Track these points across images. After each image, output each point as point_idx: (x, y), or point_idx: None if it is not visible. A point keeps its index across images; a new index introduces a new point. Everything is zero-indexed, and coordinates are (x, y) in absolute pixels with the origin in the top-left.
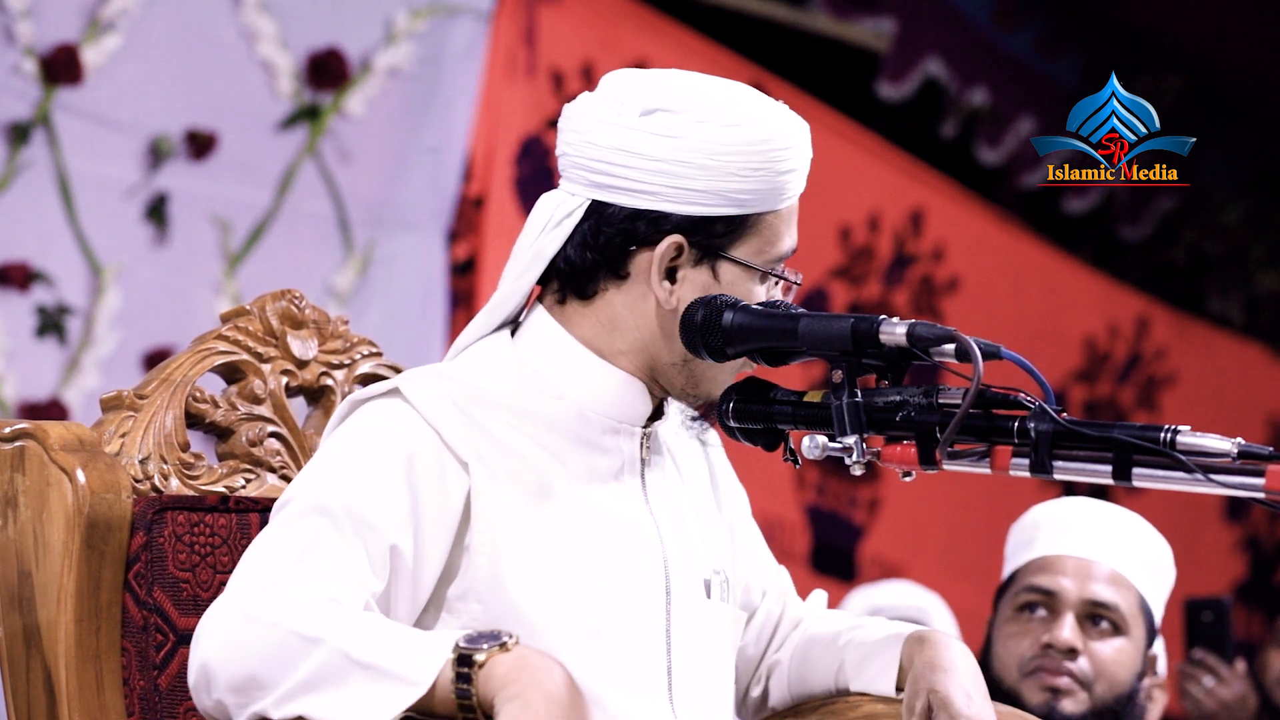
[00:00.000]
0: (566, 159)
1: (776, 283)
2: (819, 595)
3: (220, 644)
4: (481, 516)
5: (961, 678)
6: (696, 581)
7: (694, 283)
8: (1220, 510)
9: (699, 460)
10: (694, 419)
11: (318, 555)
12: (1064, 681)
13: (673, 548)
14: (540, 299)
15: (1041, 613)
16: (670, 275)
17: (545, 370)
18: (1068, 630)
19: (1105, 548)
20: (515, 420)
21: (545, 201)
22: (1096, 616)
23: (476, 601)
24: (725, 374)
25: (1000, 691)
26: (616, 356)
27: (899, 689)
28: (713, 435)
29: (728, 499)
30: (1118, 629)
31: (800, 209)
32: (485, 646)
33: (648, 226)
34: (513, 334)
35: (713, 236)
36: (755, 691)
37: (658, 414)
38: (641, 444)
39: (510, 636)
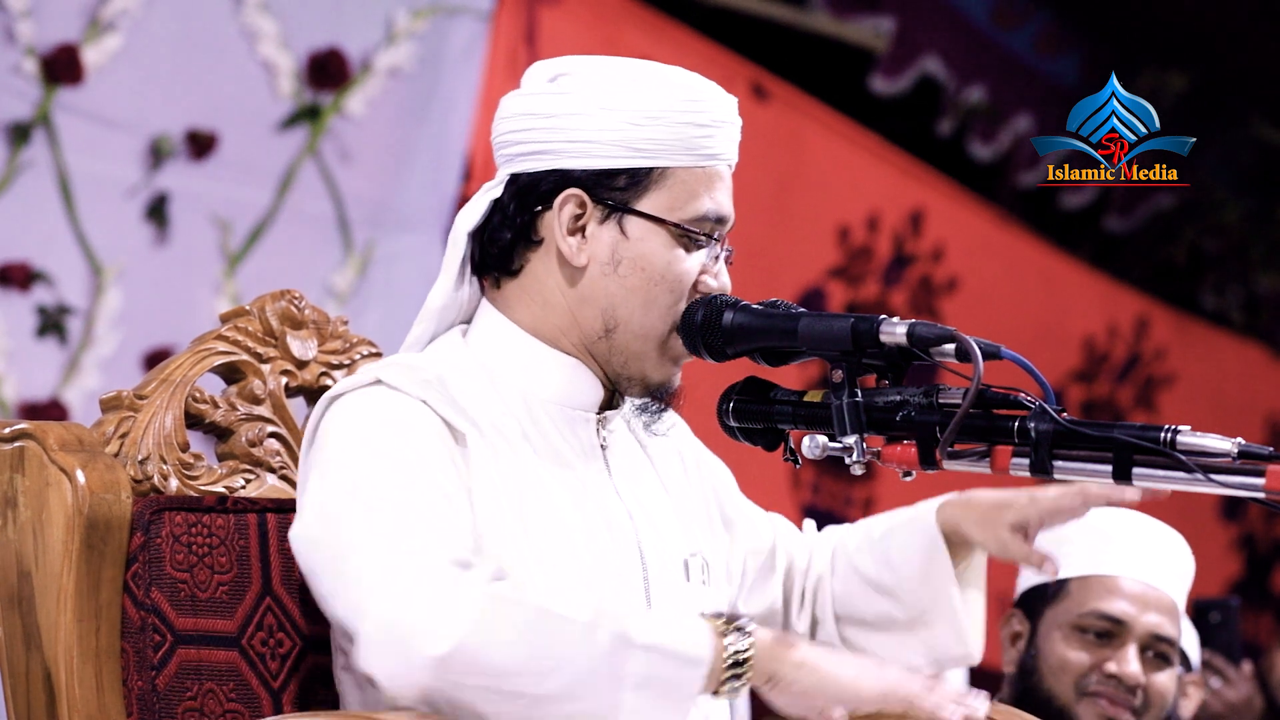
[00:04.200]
0: (495, 148)
1: (696, 245)
2: (810, 525)
3: (480, 624)
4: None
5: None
6: (674, 563)
7: (601, 239)
8: (1216, 509)
9: (666, 446)
10: (643, 410)
11: (437, 522)
12: (1125, 715)
13: (645, 530)
14: (485, 293)
15: (1103, 636)
16: (582, 235)
17: (495, 365)
18: (1135, 664)
19: (1164, 574)
20: (483, 408)
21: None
22: (1153, 649)
23: None
24: (650, 349)
25: (1052, 707)
26: (558, 338)
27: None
28: (671, 422)
29: (700, 483)
30: (1168, 660)
31: (799, 209)
32: (744, 621)
33: (551, 185)
34: (464, 334)
35: (615, 189)
36: (802, 623)
37: (613, 403)
38: (598, 430)
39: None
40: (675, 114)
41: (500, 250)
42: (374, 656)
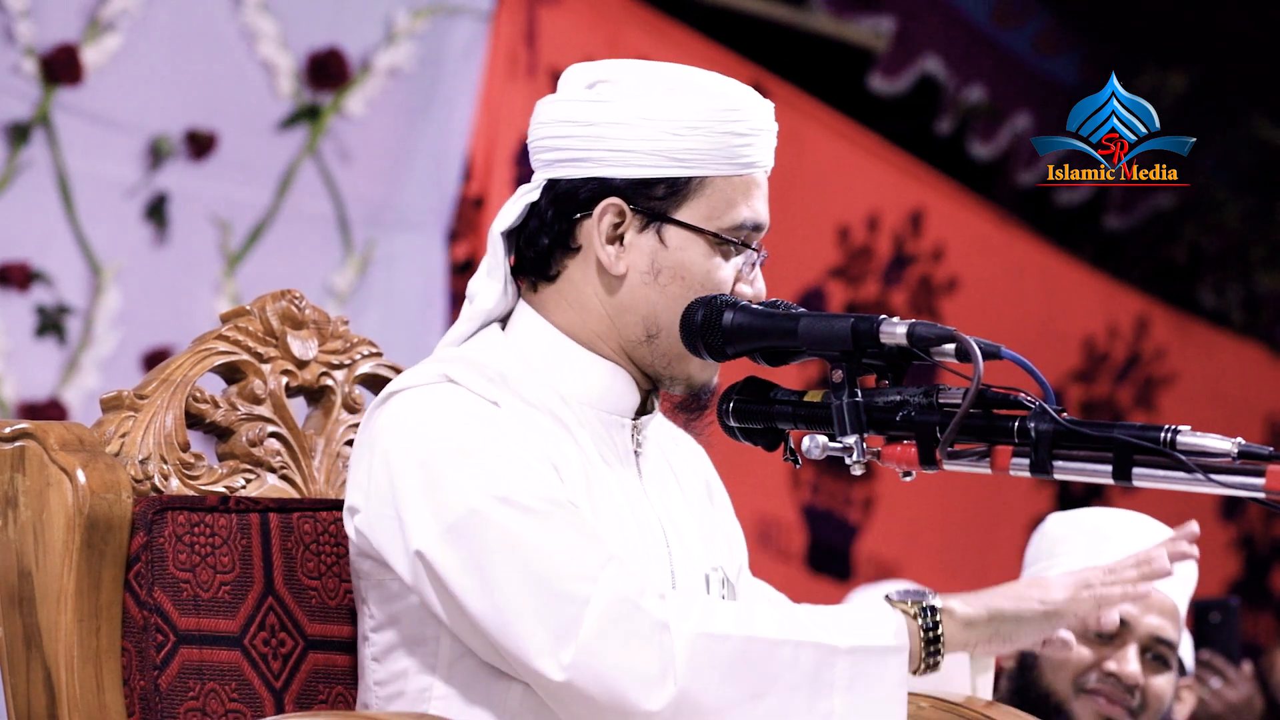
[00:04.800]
0: (531, 151)
1: (735, 253)
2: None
3: (692, 668)
4: None
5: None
6: (698, 575)
7: (640, 248)
8: (1215, 509)
9: (689, 459)
10: (683, 408)
11: (585, 542)
12: (1122, 715)
13: (674, 539)
14: (521, 294)
15: (1104, 635)
16: (620, 243)
17: (536, 363)
18: (1134, 664)
19: (1169, 578)
20: (541, 407)
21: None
22: (1153, 651)
23: None
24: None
25: (1049, 703)
26: (595, 342)
27: None
28: (701, 452)
29: (723, 512)
30: (1167, 664)
31: (799, 209)
32: (929, 598)
33: (590, 194)
34: (503, 330)
35: (654, 199)
36: None
37: (646, 408)
38: (632, 436)
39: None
40: (715, 124)
41: (537, 255)
42: (579, 706)
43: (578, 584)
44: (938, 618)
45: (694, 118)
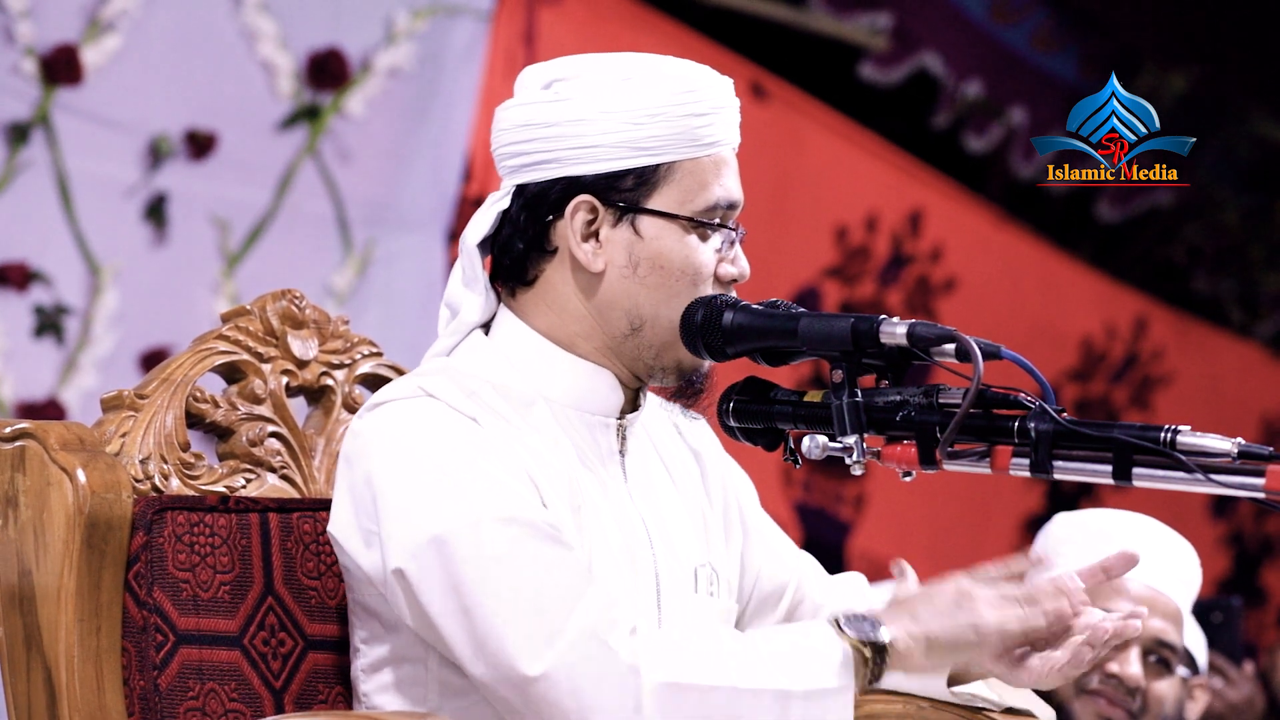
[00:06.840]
0: (496, 159)
1: (712, 234)
2: (852, 578)
3: (660, 715)
4: None
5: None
6: (685, 572)
7: (617, 242)
8: (1205, 507)
9: (684, 453)
10: (678, 394)
11: (560, 570)
12: (1121, 715)
13: (659, 537)
14: (501, 300)
15: None
16: (596, 240)
17: (520, 366)
18: (1136, 666)
19: (1171, 581)
20: (515, 409)
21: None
22: (1156, 654)
23: None
24: (680, 337)
25: (1050, 702)
26: (576, 343)
27: None
28: (705, 429)
29: (721, 492)
30: (1169, 667)
31: (798, 208)
32: (879, 626)
33: (560, 194)
34: (486, 336)
35: (624, 191)
36: None
37: (633, 406)
38: (617, 435)
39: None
40: (674, 108)
41: (513, 261)
42: None
43: (551, 615)
44: (884, 658)
45: (653, 105)
